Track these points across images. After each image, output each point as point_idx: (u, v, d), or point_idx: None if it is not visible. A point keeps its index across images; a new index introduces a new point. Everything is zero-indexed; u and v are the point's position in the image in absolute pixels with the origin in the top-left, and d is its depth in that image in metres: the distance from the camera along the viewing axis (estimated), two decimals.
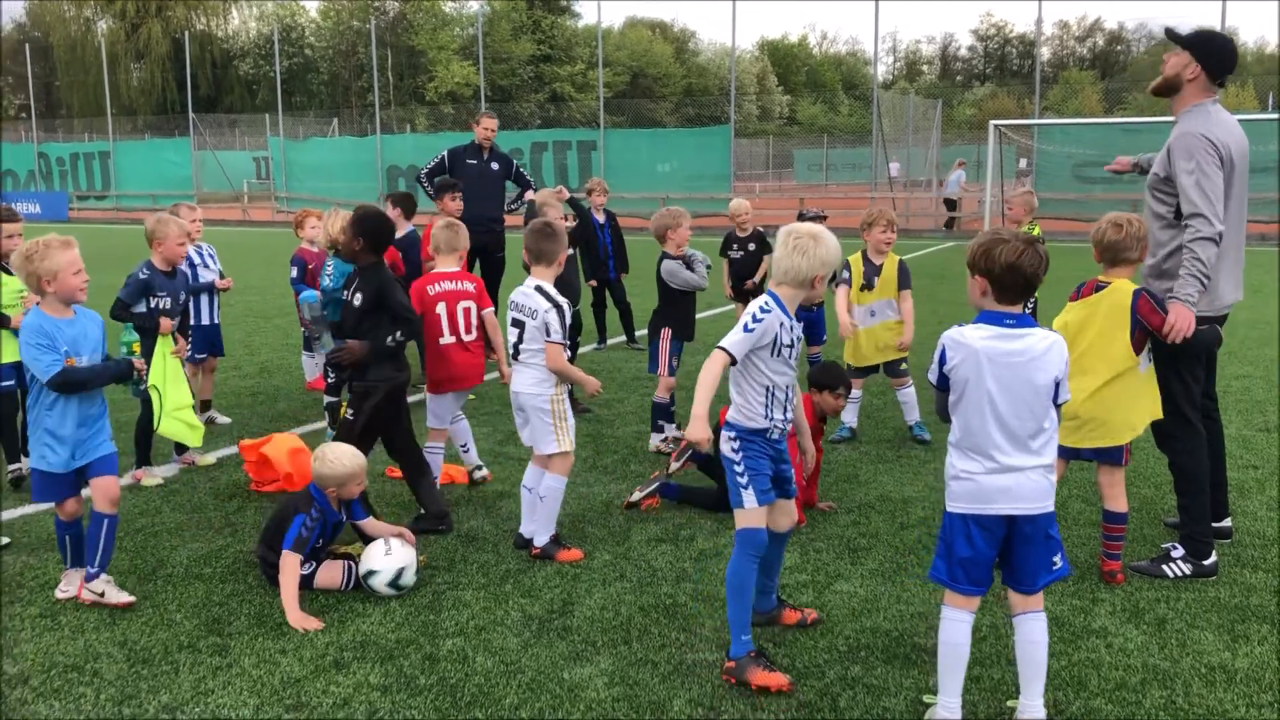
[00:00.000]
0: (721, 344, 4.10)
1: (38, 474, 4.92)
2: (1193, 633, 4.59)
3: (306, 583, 5.06)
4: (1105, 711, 3.97)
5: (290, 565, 4.91)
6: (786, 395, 4.28)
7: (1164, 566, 5.19)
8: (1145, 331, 4.98)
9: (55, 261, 4.87)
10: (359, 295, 5.73)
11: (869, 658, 4.39)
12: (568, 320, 5.53)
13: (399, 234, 9.20)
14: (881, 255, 7.71)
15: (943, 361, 3.77)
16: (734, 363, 4.12)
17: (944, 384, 3.81)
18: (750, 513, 4.21)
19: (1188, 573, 5.14)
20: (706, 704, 4.03)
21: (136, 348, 5.33)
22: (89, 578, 4.96)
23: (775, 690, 4.09)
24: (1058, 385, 3.69)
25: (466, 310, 6.23)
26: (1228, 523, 5.65)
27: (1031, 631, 3.79)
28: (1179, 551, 5.22)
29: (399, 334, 5.71)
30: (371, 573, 5.00)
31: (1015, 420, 3.67)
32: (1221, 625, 4.66)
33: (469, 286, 6.26)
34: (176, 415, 6.29)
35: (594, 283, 11.49)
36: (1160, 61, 5.31)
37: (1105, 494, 5.20)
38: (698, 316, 7.89)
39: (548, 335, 5.44)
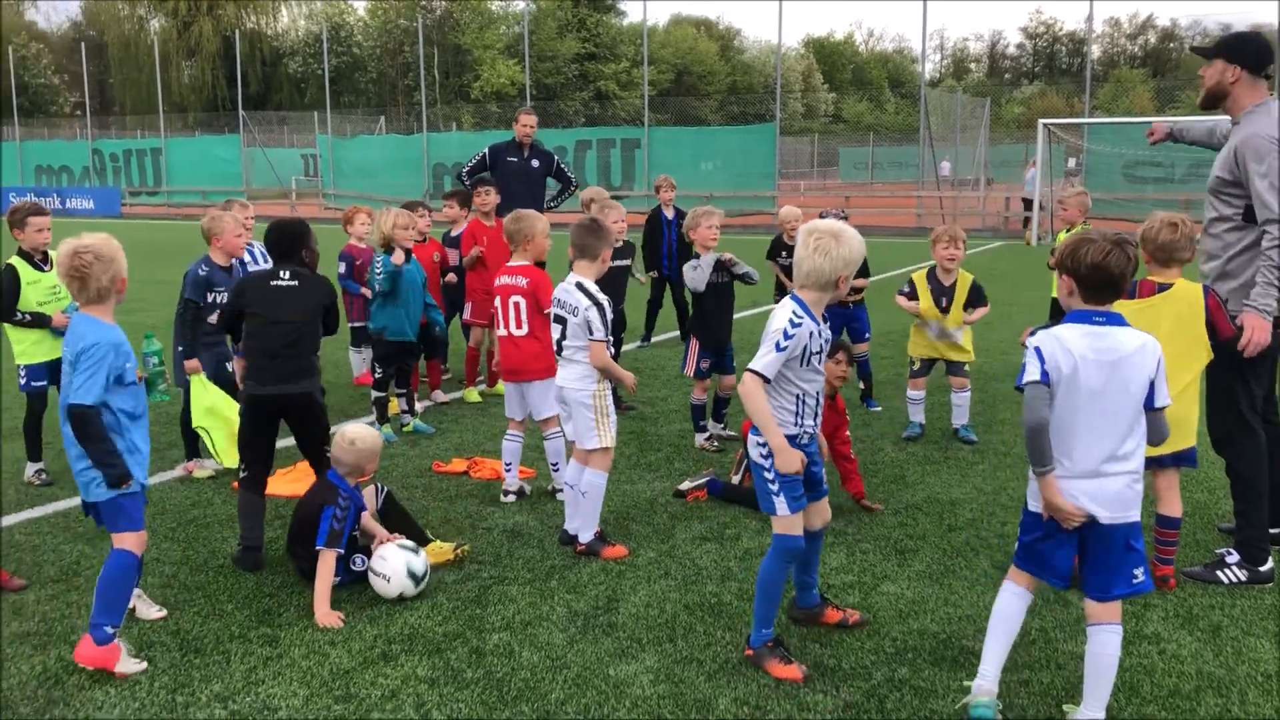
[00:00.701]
0: (752, 367, 4.06)
1: (127, 498, 4.31)
2: (1249, 640, 4.51)
3: (361, 578, 5.09)
4: (1159, 718, 3.91)
5: (327, 562, 4.89)
6: (817, 401, 4.26)
7: (1218, 572, 5.10)
8: (1213, 331, 4.91)
9: (123, 264, 4.37)
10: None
11: (916, 660, 4.36)
12: (609, 317, 5.52)
13: (456, 230, 9.26)
14: (950, 274, 7.63)
15: (1042, 359, 3.65)
16: (767, 381, 4.08)
17: (1047, 376, 3.64)
18: (785, 519, 4.21)
19: (1243, 579, 5.06)
20: (752, 703, 4.02)
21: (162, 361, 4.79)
22: (106, 638, 4.31)
23: (789, 681, 4.15)
24: (1152, 387, 3.63)
25: (516, 305, 6.23)
26: None
27: (1104, 644, 3.74)
28: (1234, 557, 5.13)
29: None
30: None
31: (1103, 421, 3.63)
32: (1278, 633, 4.57)
33: (522, 282, 6.23)
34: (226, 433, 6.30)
35: (654, 273, 11.50)
36: (1199, 76, 5.23)
37: (1161, 497, 5.11)
38: (744, 315, 7.86)
39: (590, 334, 5.45)
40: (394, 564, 4.96)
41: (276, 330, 5.43)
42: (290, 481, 6.66)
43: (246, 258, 7.89)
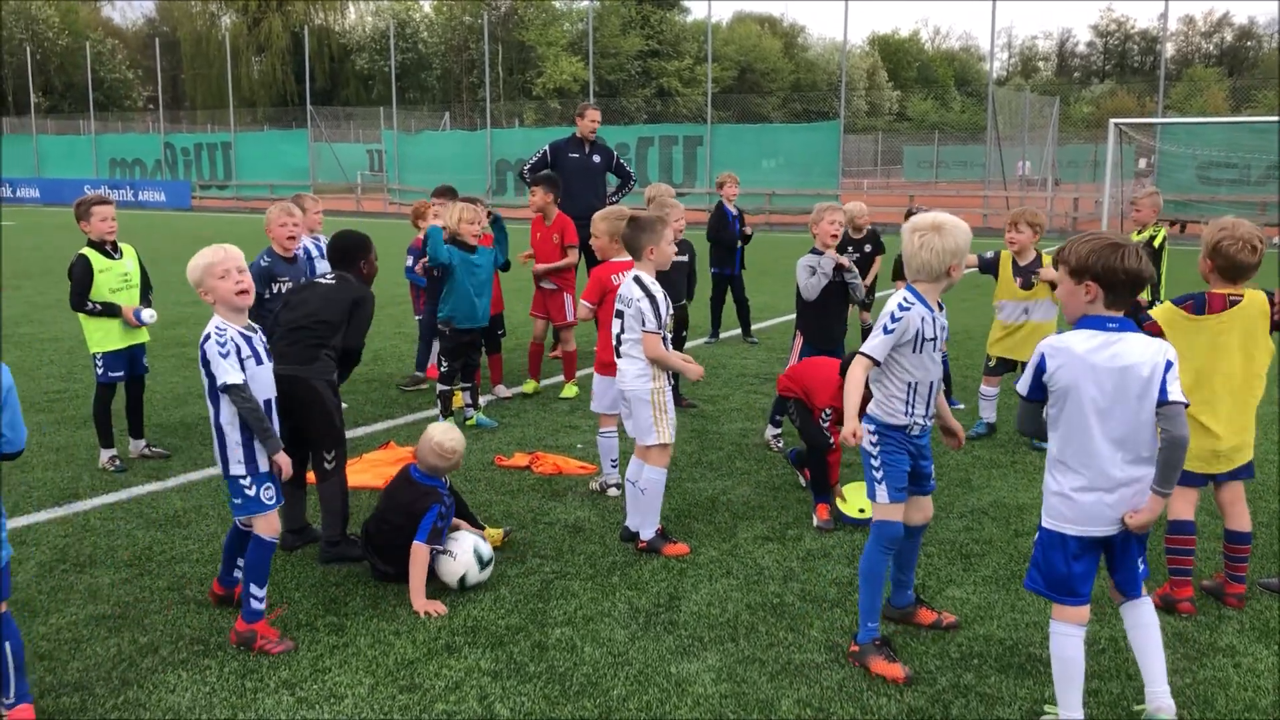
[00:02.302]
0: (862, 349, 4.16)
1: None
2: None
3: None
4: None
5: (422, 556, 4.93)
6: (931, 390, 4.26)
7: None
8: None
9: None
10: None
11: (982, 666, 4.30)
12: (663, 310, 5.50)
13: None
14: (1024, 257, 7.57)
15: (1041, 369, 3.68)
16: (877, 364, 4.14)
17: (1036, 394, 3.73)
18: (884, 507, 4.26)
19: None
20: (815, 705, 4.00)
21: None
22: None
23: (890, 680, 4.13)
24: (1164, 386, 3.55)
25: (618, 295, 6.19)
26: None
27: (1140, 615, 3.77)
28: None
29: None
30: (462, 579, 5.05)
31: (1122, 428, 3.59)
32: None
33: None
34: None
35: (722, 270, 11.52)
36: None
37: (1228, 512, 4.89)
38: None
39: (643, 325, 5.46)
40: (464, 544, 5.04)
41: (289, 316, 5.57)
42: (356, 472, 6.77)
43: (313, 250, 8.02)
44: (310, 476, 5.61)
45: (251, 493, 4.46)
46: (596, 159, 10.80)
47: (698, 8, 72.86)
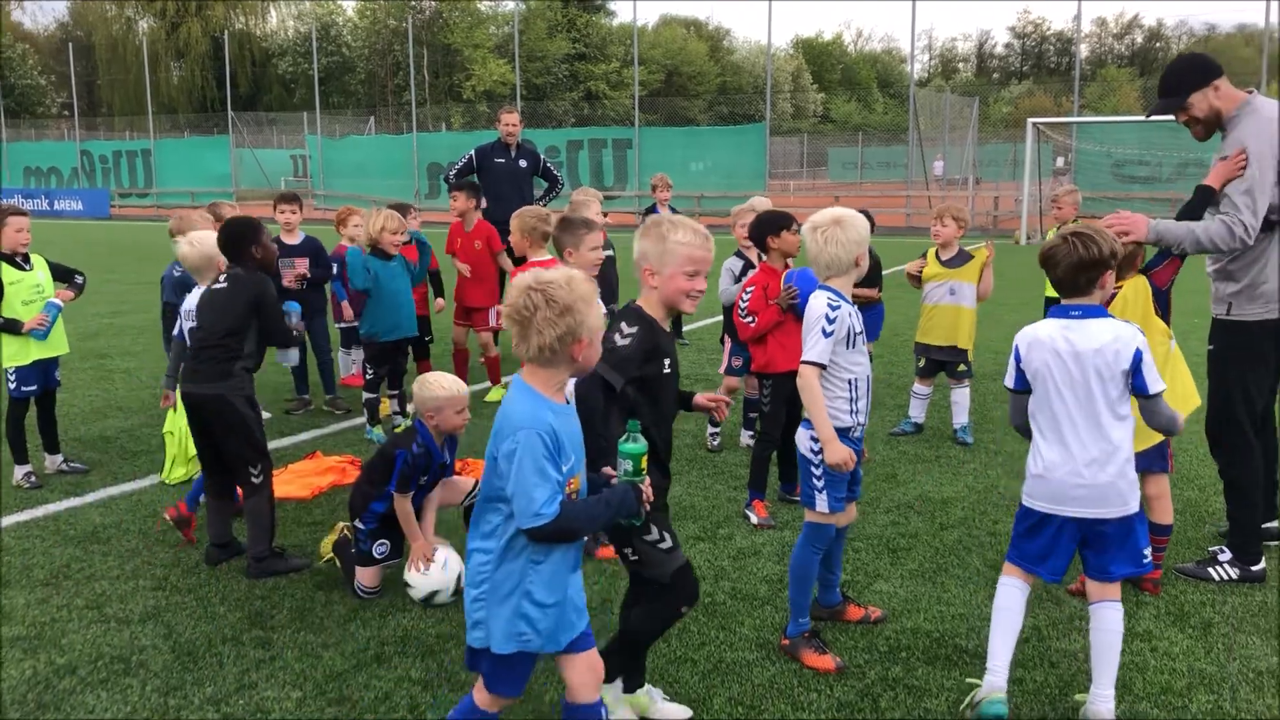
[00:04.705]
0: (807, 358, 4.18)
1: (500, 658, 3.11)
2: (1239, 637, 4.52)
3: (364, 559, 5.04)
4: (1151, 715, 3.92)
5: (404, 506, 4.91)
6: (868, 385, 4.33)
7: (1210, 570, 5.11)
8: (1165, 306, 4.93)
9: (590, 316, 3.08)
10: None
11: (910, 658, 4.37)
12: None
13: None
14: (947, 250, 7.70)
15: (1018, 359, 3.83)
16: (824, 370, 4.19)
17: (1020, 384, 3.86)
18: (827, 515, 4.30)
19: (1234, 577, 5.07)
20: (747, 703, 4.02)
21: (644, 464, 3.19)
22: None
23: (822, 671, 4.20)
24: (1140, 374, 3.66)
25: None
26: (1275, 524, 5.56)
27: (1106, 620, 3.80)
28: (1226, 555, 5.14)
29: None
30: (407, 584, 4.95)
31: (1086, 413, 3.70)
32: (1269, 630, 4.59)
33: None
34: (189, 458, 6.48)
35: None
36: (1191, 123, 5.13)
37: (1153, 506, 4.99)
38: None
39: None
40: (452, 566, 4.89)
41: (195, 334, 5.48)
42: (282, 483, 6.67)
43: None
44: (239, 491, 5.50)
45: None
46: (523, 163, 10.75)
47: (623, 10, 73.00)
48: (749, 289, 6.33)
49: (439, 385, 5.00)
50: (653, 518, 3.60)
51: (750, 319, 6.23)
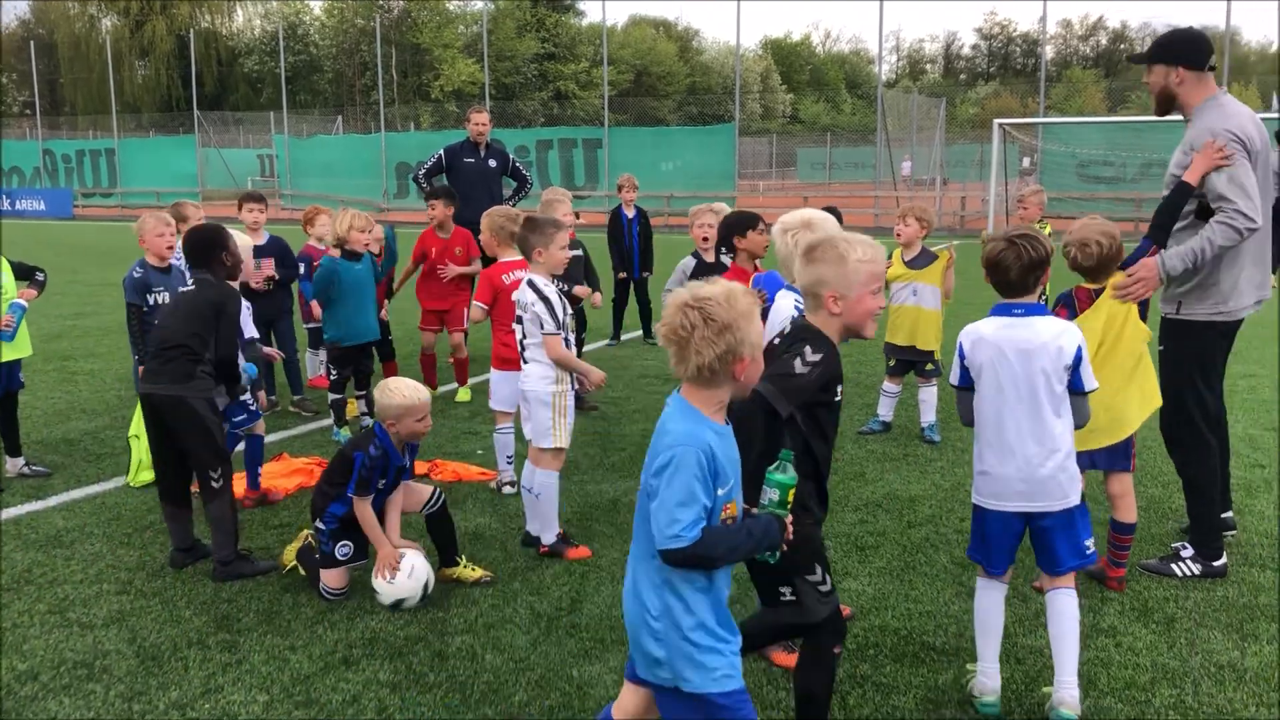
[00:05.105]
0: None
1: (723, 696, 2.88)
2: (1201, 631, 4.58)
3: (328, 561, 5.01)
4: (1115, 710, 3.97)
5: (363, 509, 4.91)
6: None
7: (1173, 565, 5.18)
8: (1144, 302, 4.96)
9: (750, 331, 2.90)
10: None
11: (878, 656, 4.39)
12: (559, 311, 5.49)
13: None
14: (909, 250, 7.76)
15: (962, 356, 3.92)
16: None
17: (965, 380, 3.94)
18: None
19: (1196, 572, 5.13)
20: None
21: (790, 497, 3.00)
22: None
23: (792, 670, 4.16)
24: (1078, 372, 3.75)
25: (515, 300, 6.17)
26: (1229, 515, 5.63)
27: (1061, 607, 3.88)
28: (1188, 551, 5.21)
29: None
30: (375, 590, 4.91)
31: (1028, 410, 3.77)
32: (1230, 624, 4.65)
33: (521, 276, 6.19)
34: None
35: (623, 274, 11.57)
36: (1146, 84, 5.23)
37: (1117, 505, 5.07)
38: None
39: (542, 328, 5.45)
40: (418, 572, 4.86)
41: (157, 335, 5.44)
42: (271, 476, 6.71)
43: None
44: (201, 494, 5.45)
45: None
46: (492, 163, 10.72)
47: (593, 10, 72.75)
48: None
49: (399, 393, 4.99)
50: (817, 556, 3.43)
51: None
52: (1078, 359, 3.75)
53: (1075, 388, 3.79)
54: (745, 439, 3.03)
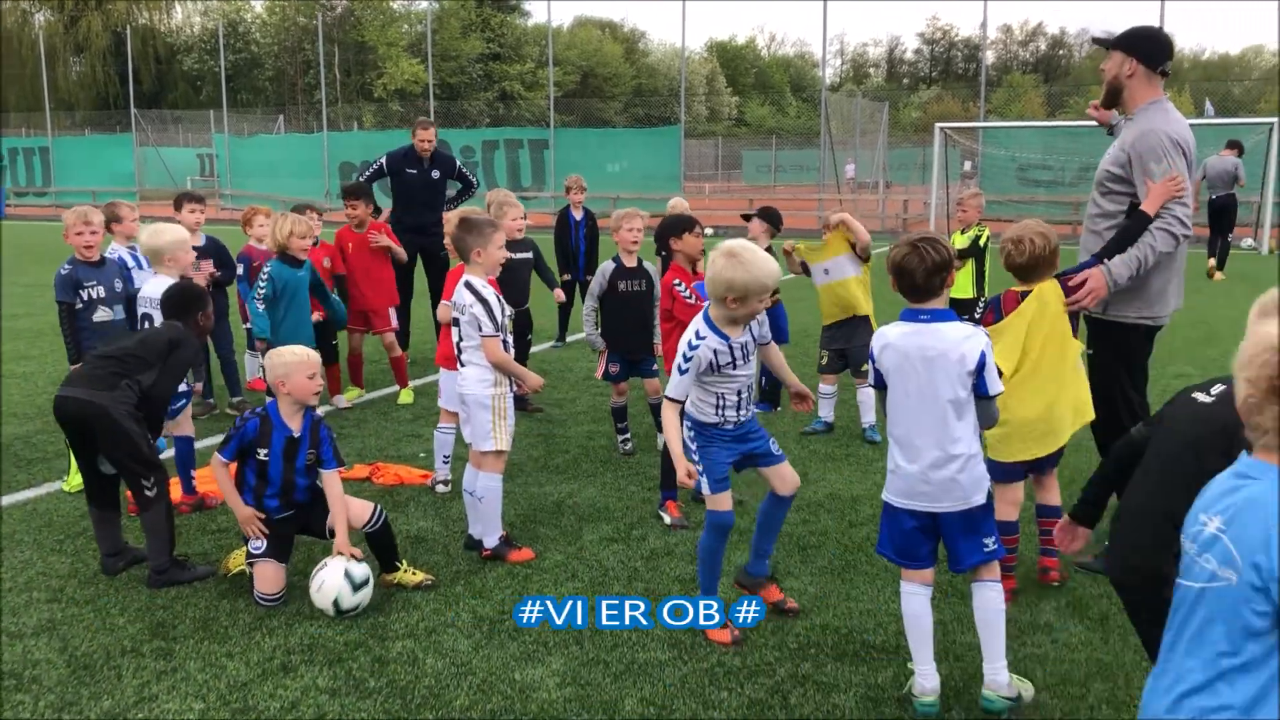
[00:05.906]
0: (667, 393, 4.41)
1: None
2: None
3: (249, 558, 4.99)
4: (1051, 706, 4.03)
5: (218, 470, 5.03)
6: (741, 395, 4.48)
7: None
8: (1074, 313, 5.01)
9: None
10: None
11: (819, 655, 4.42)
12: (498, 313, 5.43)
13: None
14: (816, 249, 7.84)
15: (873, 360, 4.00)
16: (680, 403, 4.44)
17: (880, 381, 4.02)
18: (711, 498, 4.51)
19: None
20: (658, 703, 4.03)
21: None
22: None
23: (718, 643, 4.45)
24: (982, 376, 3.80)
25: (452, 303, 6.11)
26: None
27: (985, 599, 3.97)
28: None
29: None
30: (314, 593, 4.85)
31: (931, 413, 3.85)
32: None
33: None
34: None
35: (567, 276, 11.52)
36: (1100, 70, 5.35)
37: (1039, 492, 5.19)
38: None
39: (480, 330, 5.41)
40: (331, 568, 4.75)
41: (102, 348, 5.50)
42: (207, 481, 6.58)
43: (129, 260, 7.65)
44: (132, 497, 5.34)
45: None
46: (436, 174, 10.43)
47: (538, 11, 72.56)
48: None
49: (289, 351, 5.08)
50: None
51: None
52: (981, 364, 3.79)
53: (981, 392, 3.84)
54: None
